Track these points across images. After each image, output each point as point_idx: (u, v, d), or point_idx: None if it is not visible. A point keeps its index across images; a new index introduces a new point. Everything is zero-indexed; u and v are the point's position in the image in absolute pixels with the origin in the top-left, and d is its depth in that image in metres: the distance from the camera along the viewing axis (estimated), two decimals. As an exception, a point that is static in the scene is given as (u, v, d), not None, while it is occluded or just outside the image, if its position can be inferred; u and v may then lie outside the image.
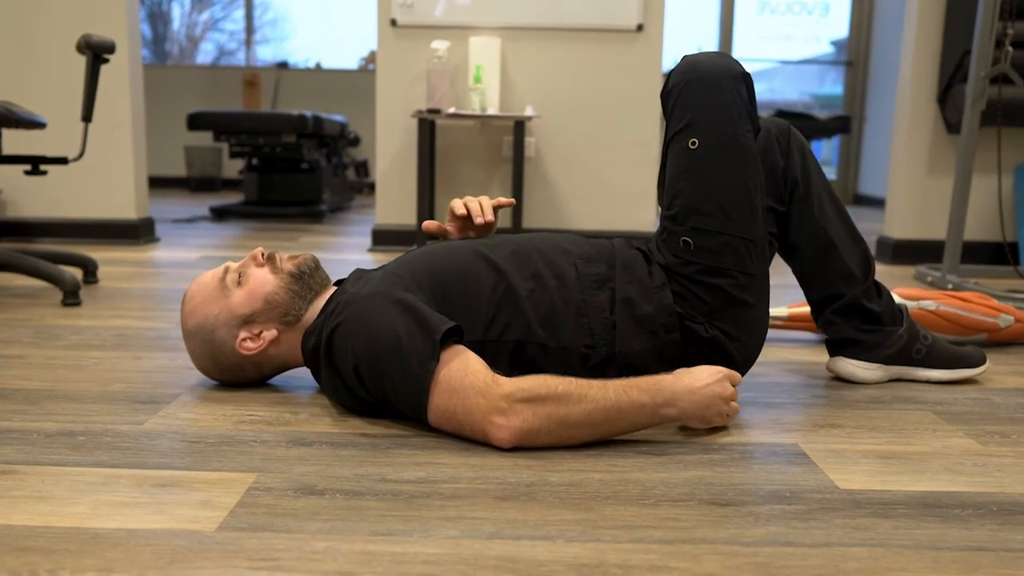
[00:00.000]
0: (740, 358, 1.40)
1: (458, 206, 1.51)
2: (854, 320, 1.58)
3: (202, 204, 5.73)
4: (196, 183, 6.99)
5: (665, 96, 1.41)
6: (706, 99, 1.36)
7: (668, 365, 1.36)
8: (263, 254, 1.43)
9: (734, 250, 1.36)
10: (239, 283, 1.41)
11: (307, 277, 1.43)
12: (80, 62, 3.40)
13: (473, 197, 1.52)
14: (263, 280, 1.41)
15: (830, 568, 0.88)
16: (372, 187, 7.21)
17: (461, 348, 1.24)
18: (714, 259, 1.35)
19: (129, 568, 0.86)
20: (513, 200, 1.52)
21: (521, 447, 1.20)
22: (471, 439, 1.23)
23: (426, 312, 1.25)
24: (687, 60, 1.40)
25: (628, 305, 1.35)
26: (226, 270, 1.42)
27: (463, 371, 1.20)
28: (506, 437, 1.17)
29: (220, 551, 0.90)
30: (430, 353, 1.20)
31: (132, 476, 1.10)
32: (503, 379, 1.19)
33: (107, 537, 0.92)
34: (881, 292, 1.59)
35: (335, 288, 1.47)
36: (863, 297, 1.56)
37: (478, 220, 1.49)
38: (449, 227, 1.54)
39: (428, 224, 1.50)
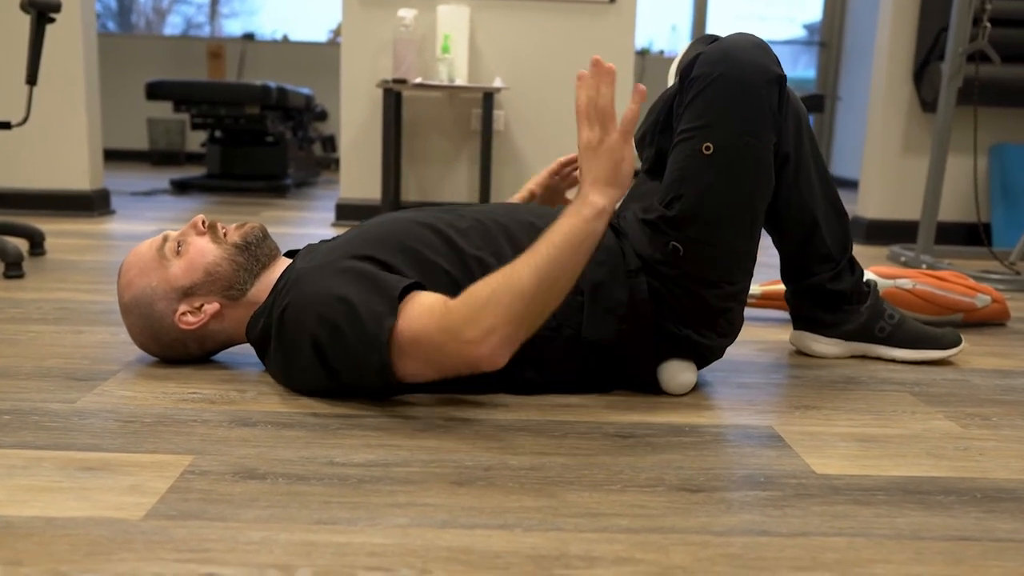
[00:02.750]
0: (710, 354, 1.33)
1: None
2: (817, 299, 1.57)
3: (163, 177, 5.57)
4: (159, 156, 6.80)
5: (687, 81, 1.27)
6: (734, 102, 1.23)
7: (637, 354, 1.29)
8: (204, 222, 1.34)
9: (724, 262, 1.27)
10: (178, 253, 1.31)
11: (254, 248, 1.34)
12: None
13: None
14: (204, 250, 1.32)
15: (807, 560, 0.82)
16: (339, 162, 7.07)
17: (415, 294, 1.16)
18: (701, 270, 1.26)
19: (41, 560, 0.78)
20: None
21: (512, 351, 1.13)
22: (456, 377, 1.19)
23: (379, 274, 1.17)
24: (723, 48, 1.24)
25: (597, 290, 1.26)
26: (164, 239, 1.33)
27: (418, 314, 1.13)
28: (486, 354, 1.10)
29: (145, 542, 0.82)
30: (387, 310, 1.13)
31: (57, 459, 1.01)
32: (454, 305, 1.11)
33: (21, 526, 0.84)
34: (854, 269, 1.56)
35: (286, 261, 1.39)
36: (830, 280, 1.53)
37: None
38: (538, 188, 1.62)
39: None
